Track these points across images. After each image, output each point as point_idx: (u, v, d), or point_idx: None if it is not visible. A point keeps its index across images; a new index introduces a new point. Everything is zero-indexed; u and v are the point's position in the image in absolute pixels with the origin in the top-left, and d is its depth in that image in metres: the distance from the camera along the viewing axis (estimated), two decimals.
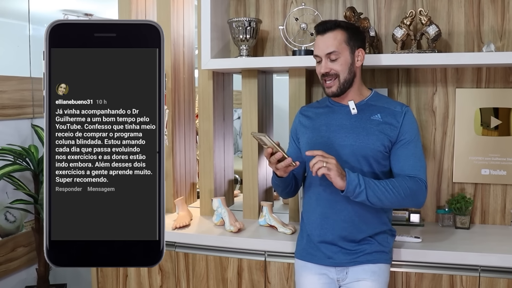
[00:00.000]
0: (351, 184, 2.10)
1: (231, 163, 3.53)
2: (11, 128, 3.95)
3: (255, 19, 2.99)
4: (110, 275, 3.09)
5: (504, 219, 2.94)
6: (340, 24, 2.30)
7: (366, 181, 2.13)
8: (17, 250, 4.01)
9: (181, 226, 2.97)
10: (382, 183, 2.17)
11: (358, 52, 2.32)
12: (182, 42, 3.41)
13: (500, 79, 2.88)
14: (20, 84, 4.01)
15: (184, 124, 3.47)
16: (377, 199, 2.16)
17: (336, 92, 2.32)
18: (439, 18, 2.90)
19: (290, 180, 2.40)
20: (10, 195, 3.82)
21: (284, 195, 2.53)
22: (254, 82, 3.08)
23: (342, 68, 2.28)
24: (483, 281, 2.49)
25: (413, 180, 2.23)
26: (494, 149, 2.91)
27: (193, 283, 2.91)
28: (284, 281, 2.74)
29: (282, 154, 2.10)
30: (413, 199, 2.24)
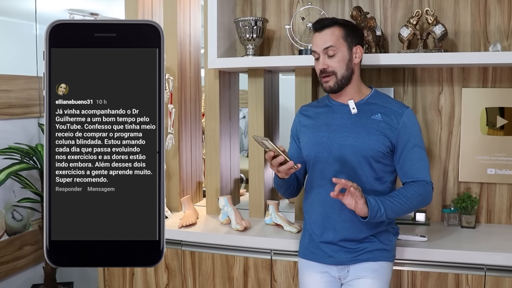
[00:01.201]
0: (373, 211, 2.10)
1: (237, 162, 3.53)
2: (18, 127, 3.97)
3: (262, 19, 2.99)
4: (116, 274, 3.10)
5: (510, 219, 2.93)
6: (337, 21, 2.31)
7: (384, 203, 2.14)
8: (24, 249, 4.03)
9: (188, 225, 2.97)
10: (396, 198, 2.19)
11: (356, 49, 2.31)
12: (188, 41, 3.42)
13: (506, 79, 2.87)
14: (27, 83, 4.02)
15: (191, 123, 3.47)
16: (395, 215, 2.21)
17: (333, 87, 2.31)
18: (445, 18, 2.89)
19: (292, 181, 2.40)
20: (17, 194, 3.84)
21: (286, 195, 2.53)
22: (260, 82, 3.08)
23: (339, 65, 2.28)
24: (489, 280, 2.48)
25: (421, 185, 2.25)
26: (500, 148, 2.90)
27: (199, 282, 2.92)
28: (290, 280, 2.75)
29: (284, 158, 2.10)
30: (424, 202, 2.29)
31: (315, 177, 2.37)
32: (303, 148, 2.43)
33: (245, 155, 4.24)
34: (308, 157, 2.40)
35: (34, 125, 4.13)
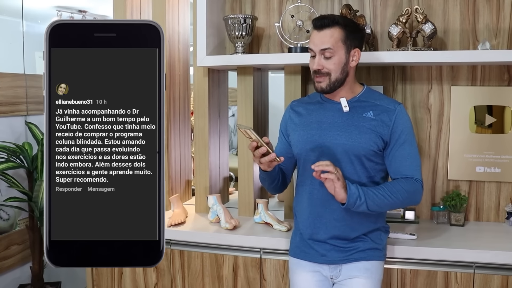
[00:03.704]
0: (352, 197, 2.10)
1: (226, 160, 3.52)
2: (5, 125, 3.93)
3: (251, 16, 2.98)
4: (105, 273, 3.08)
5: (499, 216, 2.95)
6: (338, 21, 2.24)
7: (365, 192, 2.13)
8: (11, 248, 3.99)
9: (176, 224, 2.96)
10: (380, 191, 2.17)
11: (354, 52, 2.27)
12: (177, 39, 3.40)
13: (495, 77, 2.89)
14: (14, 81, 3.98)
15: (179, 121, 3.46)
16: (377, 207, 2.17)
17: (325, 89, 2.28)
18: (434, 16, 2.90)
19: (276, 174, 2.37)
20: (4, 193, 3.80)
21: (271, 190, 2.50)
22: (250, 79, 3.08)
23: (335, 67, 2.24)
24: (478, 277, 2.50)
25: (410, 182, 2.23)
26: (489, 146, 2.92)
27: (188, 281, 2.91)
28: (280, 278, 2.74)
29: (266, 149, 2.08)
30: (411, 200, 2.26)
31: (306, 176, 2.35)
32: (293, 145, 2.41)
33: (235, 153, 4.24)
34: (298, 155, 2.38)
35: (21, 124, 4.08)
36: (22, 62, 4.11)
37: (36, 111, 4.18)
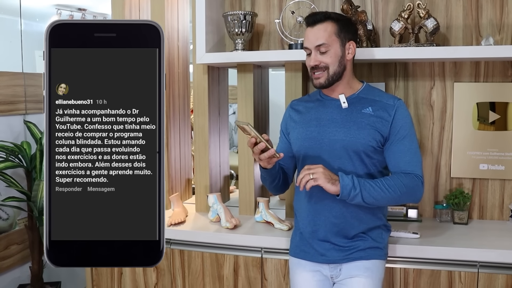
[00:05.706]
0: (345, 188, 2.09)
1: (226, 158, 3.51)
2: (3, 125, 3.92)
3: (251, 13, 2.96)
4: (104, 273, 3.06)
5: (502, 214, 2.93)
6: (330, 15, 2.27)
7: (360, 183, 2.11)
8: (10, 248, 3.98)
9: (177, 223, 2.94)
10: (377, 183, 2.15)
11: (349, 44, 2.28)
12: (176, 36, 3.38)
13: (498, 73, 2.86)
14: (12, 79, 3.97)
15: (179, 120, 3.44)
16: (373, 200, 2.14)
17: (323, 84, 2.28)
18: (437, 11, 2.87)
19: (277, 173, 2.35)
20: (3, 193, 3.78)
21: (272, 189, 2.48)
22: (250, 77, 3.06)
23: (332, 61, 2.25)
24: (482, 277, 2.48)
25: (409, 177, 2.20)
26: (492, 144, 2.90)
27: (188, 281, 2.89)
28: (281, 278, 2.73)
29: (265, 145, 2.06)
30: (410, 196, 2.23)
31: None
32: (293, 143, 2.41)
33: (235, 151, 4.21)
34: (298, 152, 2.37)
35: (19, 123, 4.07)
36: (20, 61, 4.10)
37: (35, 110, 4.17)
